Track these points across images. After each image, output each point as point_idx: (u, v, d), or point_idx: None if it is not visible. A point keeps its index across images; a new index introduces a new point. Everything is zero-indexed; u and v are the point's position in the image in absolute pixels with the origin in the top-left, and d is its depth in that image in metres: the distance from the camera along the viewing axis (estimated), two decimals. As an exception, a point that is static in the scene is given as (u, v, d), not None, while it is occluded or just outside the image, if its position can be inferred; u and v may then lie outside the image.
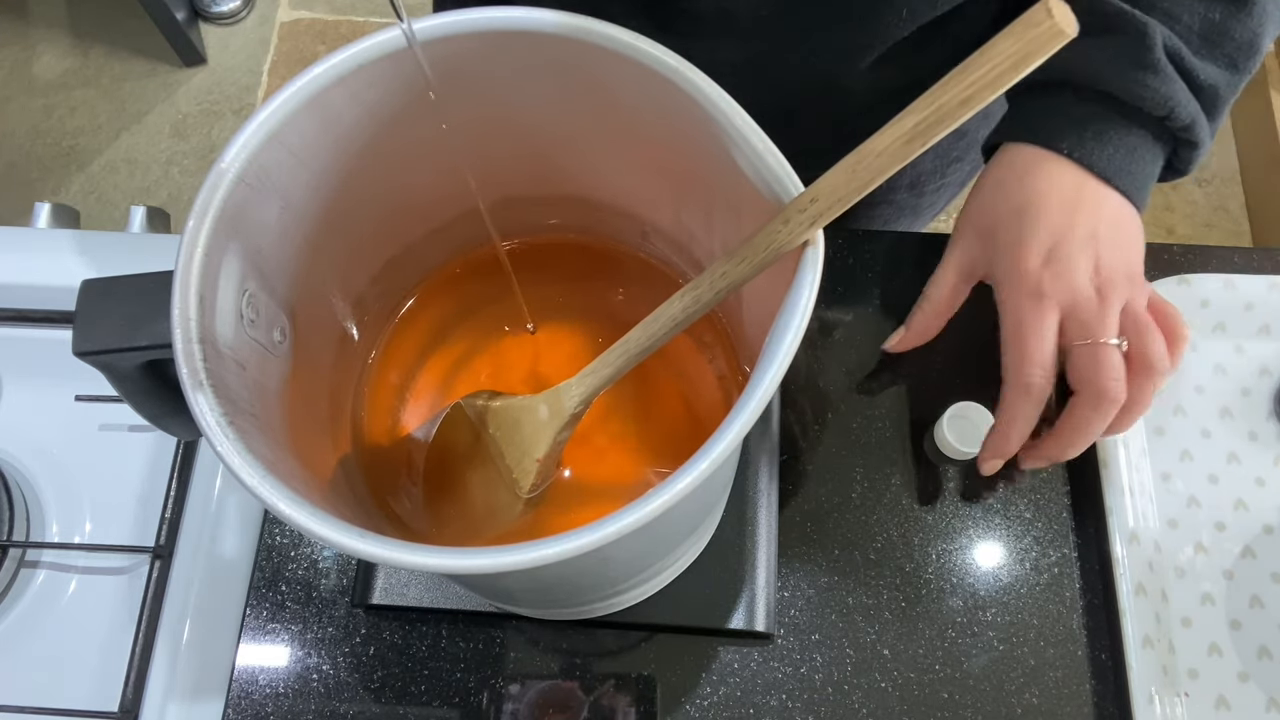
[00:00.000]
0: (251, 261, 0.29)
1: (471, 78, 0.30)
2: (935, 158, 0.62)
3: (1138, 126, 0.42)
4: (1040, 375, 0.41)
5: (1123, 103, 0.41)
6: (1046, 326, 0.41)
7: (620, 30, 0.28)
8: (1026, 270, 0.41)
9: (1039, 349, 0.41)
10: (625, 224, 0.40)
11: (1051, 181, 0.42)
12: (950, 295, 0.46)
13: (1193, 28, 0.41)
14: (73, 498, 0.51)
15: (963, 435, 0.47)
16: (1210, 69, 0.41)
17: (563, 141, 0.35)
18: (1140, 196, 0.43)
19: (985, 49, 0.21)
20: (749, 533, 0.44)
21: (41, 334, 0.53)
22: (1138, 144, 0.42)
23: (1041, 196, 0.42)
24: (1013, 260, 0.42)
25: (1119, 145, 0.42)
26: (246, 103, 1.60)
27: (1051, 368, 0.41)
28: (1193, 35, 0.41)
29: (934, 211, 0.71)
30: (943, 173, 0.64)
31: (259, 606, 0.45)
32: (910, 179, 0.63)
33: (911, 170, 0.62)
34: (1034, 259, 0.41)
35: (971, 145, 0.63)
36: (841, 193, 0.25)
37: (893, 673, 0.44)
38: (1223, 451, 0.48)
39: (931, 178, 0.64)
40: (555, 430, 0.33)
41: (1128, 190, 0.42)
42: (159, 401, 0.32)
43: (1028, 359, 0.41)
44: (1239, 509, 0.47)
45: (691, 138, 0.29)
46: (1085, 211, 0.41)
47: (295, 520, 0.23)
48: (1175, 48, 0.41)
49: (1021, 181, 0.43)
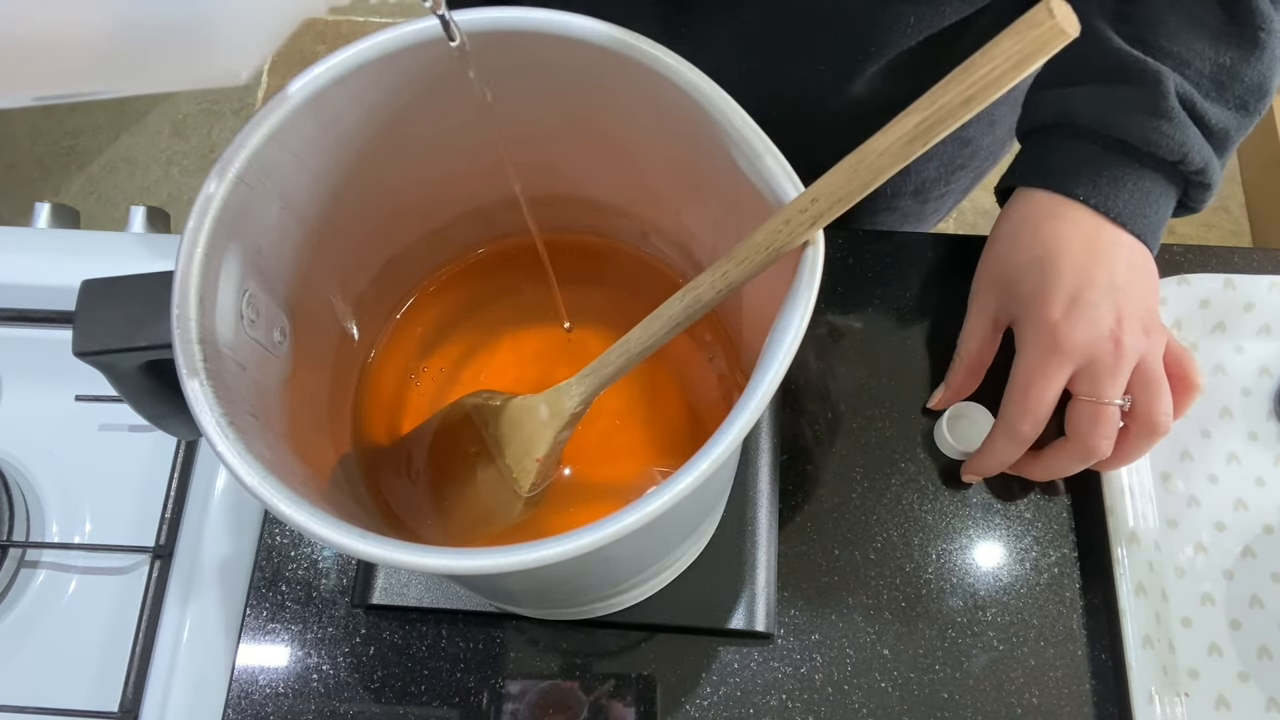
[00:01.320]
0: (251, 261, 0.29)
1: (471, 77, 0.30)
2: (939, 165, 0.62)
3: (1151, 171, 0.42)
4: (1030, 428, 0.42)
5: (1136, 149, 0.42)
6: (1054, 384, 0.42)
7: (621, 30, 0.28)
8: (1047, 321, 0.42)
9: (1039, 403, 0.42)
10: (625, 224, 0.40)
11: (1069, 229, 0.43)
12: (982, 348, 0.47)
13: (1203, 72, 0.42)
14: (73, 498, 0.51)
15: (963, 435, 0.47)
16: (1221, 113, 0.42)
17: (562, 141, 0.35)
18: (1154, 240, 0.43)
19: (987, 49, 0.21)
20: (749, 533, 0.44)
21: (41, 334, 0.53)
22: (1151, 188, 0.42)
23: (1060, 245, 0.42)
24: (1034, 311, 0.42)
25: (1134, 190, 0.42)
26: (246, 103, 1.60)
27: (1044, 422, 0.42)
28: (1204, 80, 0.42)
29: (937, 218, 0.71)
30: (946, 180, 0.64)
31: (259, 606, 0.45)
32: (914, 185, 0.63)
33: (915, 177, 0.62)
34: (1055, 310, 0.42)
35: (976, 153, 0.63)
36: (842, 193, 0.25)
37: (893, 673, 0.44)
38: (1223, 451, 0.48)
39: (935, 185, 0.64)
40: (556, 430, 0.33)
41: (1143, 234, 0.42)
42: (159, 401, 0.32)
43: (1026, 410, 0.42)
44: (1239, 509, 0.47)
45: (692, 138, 0.29)
46: (1103, 259, 0.42)
47: (295, 520, 0.23)
48: (1187, 94, 0.41)
49: (1038, 230, 0.43)
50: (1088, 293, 0.41)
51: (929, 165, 0.62)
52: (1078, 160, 0.43)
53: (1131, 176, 0.42)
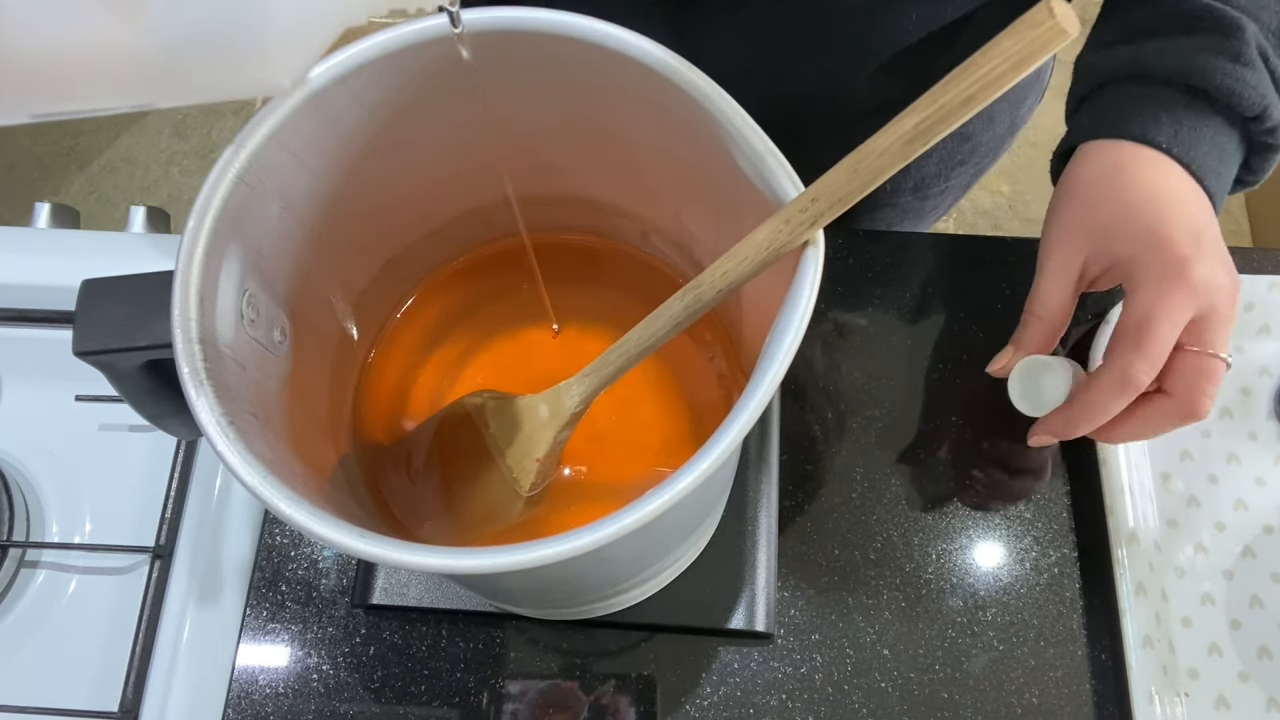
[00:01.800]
0: (251, 261, 0.29)
1: (471, 76, 0.30)
2: (939, 161, 0.62)
3: (1227, 126, 0.39)
4: (1146, 373, 0.37)
5: (1215, 99, 0.39)
6: (1177, 323, 0.37)
7: (622, 30, 0.28)
8: (1174, 255, 0.37)
9: (1160, 344, 0.37)
10: (625, 224, 0.40)
11: (1164, 176, 0.39)
12: (1063, 305, 0.42)
13: (1270, 27, 0.39)
14: (73, 498, 0.51)
15: (1043, 390, 0.43)
16: None
17: (563, 141, 0.35)
18: (1221, 203, 0.40)
19: (987, 48, 0.21)
20: (749, 533, 0.44)
21: (41, 334, 0.53)
22: (1225, 144, 0.40)
23: (1163, 188, 0.38)
24: (1156, 246, 0.38)
25: (1211, 145, 0.39)
26: (247, 103, 1.60)
27: (1159, 367, 0.37)
28: (1271, 34, 0.39)
29: (937, 214, 0.71)
30: (946, 176, 0.64)
31: (259, 606, 0.45)
32: (914, 182, 0.63)
33: (915, 173, 0.62)
34: (1184, 246, 0.37)
35: (975, 149, 0.63)
36: (842, 192, 0.25)
37: (893, 673, 0.44)
38: (1223, 451, 0.48)
39: (935, 181, 0.64)
40: (556, 430, 0.33)
41: (1215, 194, 0.39)
42: (159, 401, 0.32)
43: (1143, 351, 0.37)
44: (1239, 509, 0.47)
45: (692, 137, 0.29)
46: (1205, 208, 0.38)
47: (295, 520, 0.23)
48: (1263, 46, 0.39)
49: (1136, 175, 0.39)
50: (1209, 235, 0.37)
51: (929, 161, 0.62)
52: (1155, 108, 0.39)
53: (1209, 129, 0.39)
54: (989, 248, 0.53)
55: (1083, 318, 0.50)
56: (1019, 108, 0.62)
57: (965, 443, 0.48)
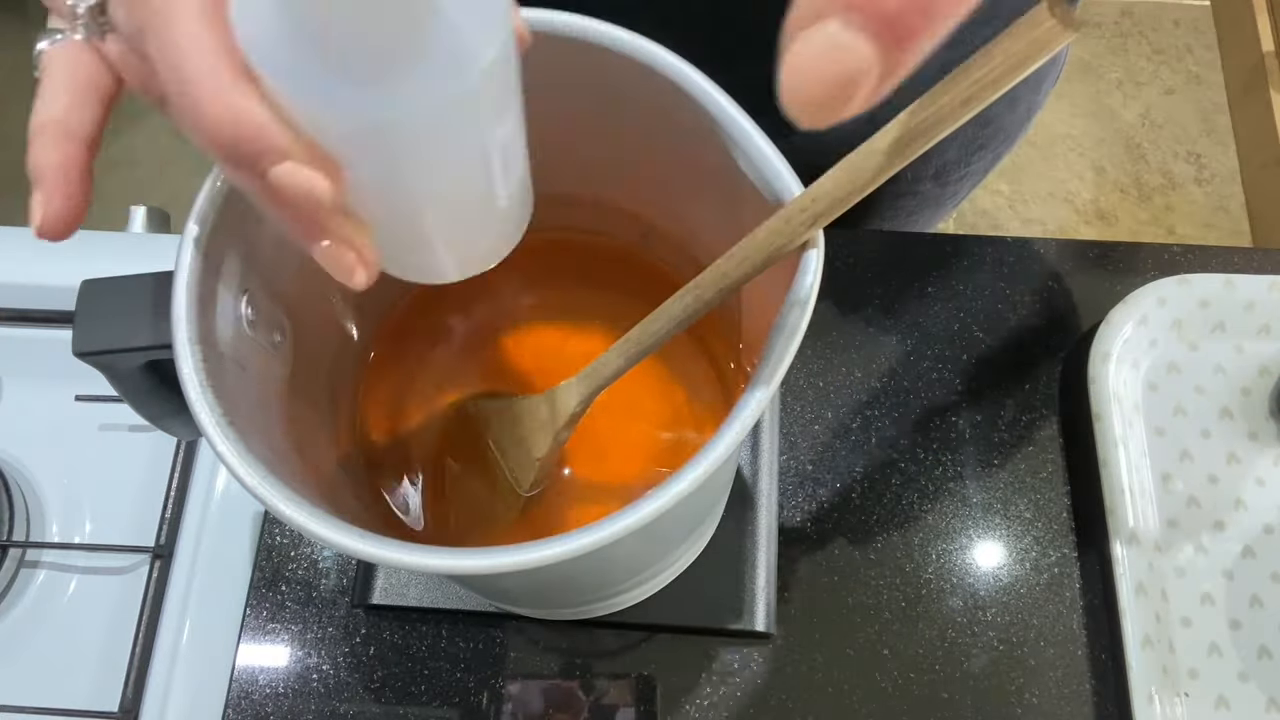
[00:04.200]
0: (251, 261, 0.29)
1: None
2: (959, 147, 0.62)
3: None
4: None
5: None
6: None
7: (622, 30, 0.28)
8: None
9: None
10: (625, 224, 0.40)
11: None
12: None
13: None
14: (73, 498, 0.51)
15: None
16: None
17: (562, 141, 0.35)
18: None
19: (986, 49, 0.21)
20: (749, 533, 0.44)
21: (41, 334, 0.53)
22: None
23: None
24: None
25: None
26: (246, 102, 1.60)
27: None
28: None
29: (956, 201, 0.71)
30: (966, 161, 0.64)
31: (259, 606, 0.45)
32: (935, 169, 0.63)
33: (937, 159, 0.62)
34: None
35: (996, 133, 0.62)
36: (842, 193, 0.25)
37: (893, 673, 0.44)
38: (1223, 451, 0.48)
39: (955, 167, 0.64)
40: (556, 430, 0.33)
41: None
42: (159, 401, 0.32)
43: None
44: (1239, 509, 0.47)
45: (693, 138, 0.29)
46: None
47: (295, 520, 0.23)
48: None
49: None
50: None
51: (950, 147, 0.61)
52: None
53: None
54: (989, 248, 0.53)
55: (1071, 323, 0.50)
56: (1036, 92, 0.62)
57: (965, 442, 0.48)
